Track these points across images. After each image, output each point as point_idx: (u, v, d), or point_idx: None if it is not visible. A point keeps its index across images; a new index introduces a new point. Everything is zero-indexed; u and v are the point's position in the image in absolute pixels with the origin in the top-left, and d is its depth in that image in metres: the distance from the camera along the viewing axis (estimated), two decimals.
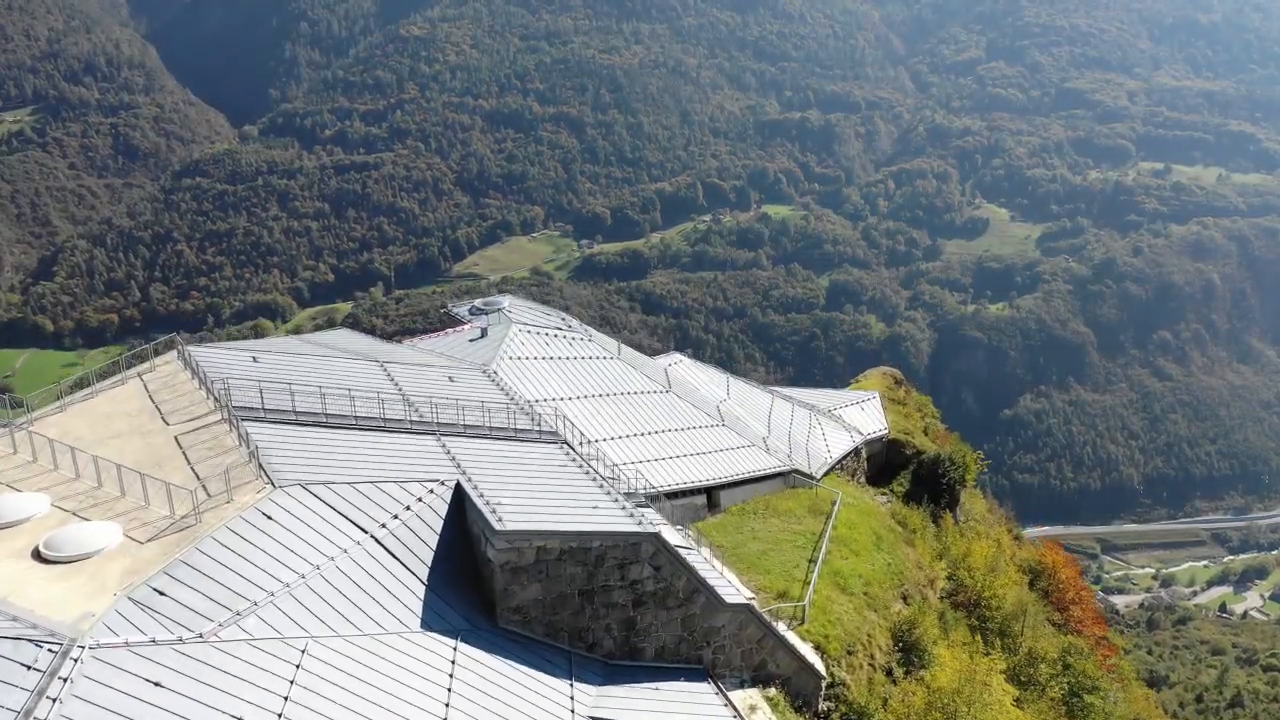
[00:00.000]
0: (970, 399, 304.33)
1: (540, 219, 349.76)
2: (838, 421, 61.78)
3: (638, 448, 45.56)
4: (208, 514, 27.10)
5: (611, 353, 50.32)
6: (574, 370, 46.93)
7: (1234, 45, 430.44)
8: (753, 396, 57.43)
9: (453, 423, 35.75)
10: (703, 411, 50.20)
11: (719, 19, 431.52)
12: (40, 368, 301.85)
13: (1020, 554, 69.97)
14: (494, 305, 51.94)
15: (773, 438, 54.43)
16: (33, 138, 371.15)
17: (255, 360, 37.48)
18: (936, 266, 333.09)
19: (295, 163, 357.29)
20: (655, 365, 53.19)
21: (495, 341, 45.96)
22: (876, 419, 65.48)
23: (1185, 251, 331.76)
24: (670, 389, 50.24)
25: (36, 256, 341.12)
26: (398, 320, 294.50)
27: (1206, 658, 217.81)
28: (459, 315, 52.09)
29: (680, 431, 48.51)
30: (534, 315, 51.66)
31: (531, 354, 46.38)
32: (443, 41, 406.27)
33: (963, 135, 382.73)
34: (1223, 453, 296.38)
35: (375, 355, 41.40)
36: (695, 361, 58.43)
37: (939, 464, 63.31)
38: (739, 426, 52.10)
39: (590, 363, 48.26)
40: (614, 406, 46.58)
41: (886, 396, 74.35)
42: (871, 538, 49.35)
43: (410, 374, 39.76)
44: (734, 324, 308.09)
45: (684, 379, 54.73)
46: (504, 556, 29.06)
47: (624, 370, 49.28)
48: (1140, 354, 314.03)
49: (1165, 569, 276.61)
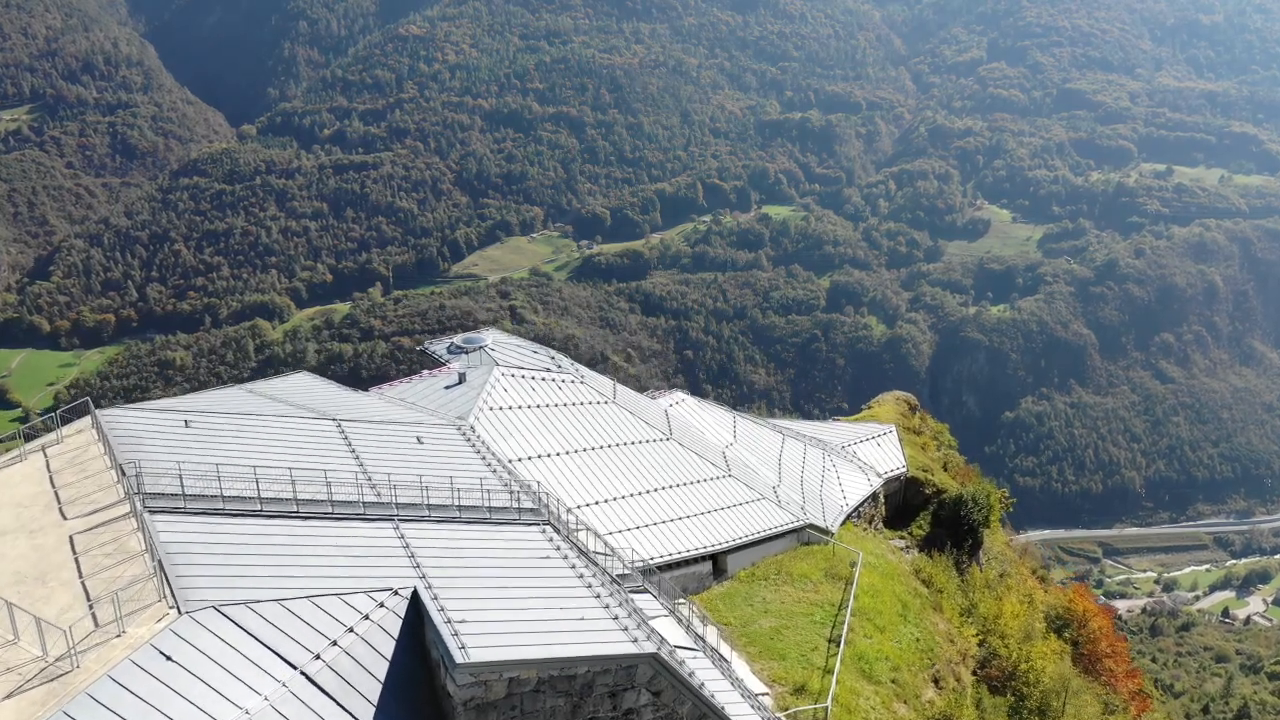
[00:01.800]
0: (971, 401, 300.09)
1: (540, 219, 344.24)
2: (852, 460, 55.95)
3: (635, 511, 39.72)
4: (90, 654, 21.17)
5: (606, 395, 44.42)
6: (563, 420, 41.02)
7: (1236, 46, 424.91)
8: (761, 438, 51.56)
9: (415, 504, 29.80)
10: (707, 461, 44.35)
11: (719, 19, 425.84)
12: (36, 368, 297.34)
13: (1047, 599, 64.39)
14: (474, 343, 45.89)
15: (784, 486, 48.58)
16: (30, 136, 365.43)
17: (187, 425, 31.56)
18: (937, 268, 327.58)
19: (293, 162, 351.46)
20: (655, 408, 47.28)
21: (474, 389, 40.04)
22: (894, 456, 59.62)
23: (1187, 253, 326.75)
24: (671, 436, 44.36)
25: (33, 256, 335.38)
26: (396, 321, 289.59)
27: (1211, 665, 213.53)
28: (437, 354, 46.00)
29: (683, 487, 42.66)
30: (519, 354, 45.65)
31: (515, 402, 40.46)
32: (442, 41, 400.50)
33: (964, 136, 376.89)
34: (1225, 456, 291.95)
35: (333, 411, 35.45)
36: (698, 400, 52.50)
37: (961, 505, 57.50)
38: (747, 475, 46.24)
39: (582, 410, 42.38)
40: (608, 461, 40.72)
41: (901, 425, 68.43)
42: (896, 606, 43.52)
43: (371, 437, 33.87)
44: (734, 325, 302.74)
45: (686, 422, 48.82)
46: (467, 693, 23.15)
47: (619, 417, 43.40)
48: (1142, 356, 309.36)
49: (1167, 573, 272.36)
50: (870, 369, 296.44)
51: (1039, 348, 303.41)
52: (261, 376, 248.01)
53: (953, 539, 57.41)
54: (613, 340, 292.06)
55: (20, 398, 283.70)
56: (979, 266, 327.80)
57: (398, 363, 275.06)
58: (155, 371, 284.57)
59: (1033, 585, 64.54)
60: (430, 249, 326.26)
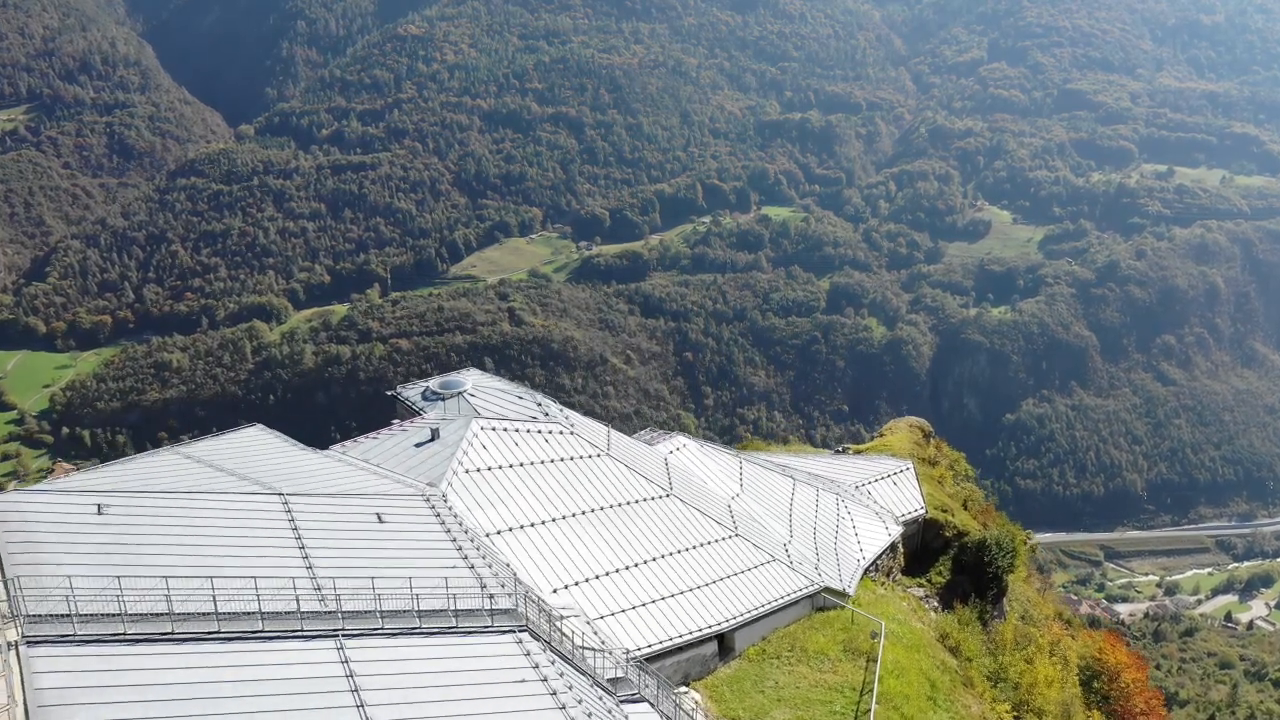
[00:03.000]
0: (972, 404, 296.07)
1: (539, 220, 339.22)
2: (868, 505, 50.74)
3: (631, 587, 34.50)
4: None
5: (598, 447, 39.15)
6: (550, 480, 35.77)
7: (1237, 46, 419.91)
8: (770, 485, 46.31)
9: (366, 611, 24.58)
10: (711, 519, 39.15)
11: (719, 19, 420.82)
12: (32, 370, 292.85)
13: (1075, 646, 59.29)
14: (453, 387, 40.46)
15: (795, 542, 43.37)
16: (27, 137, 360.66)
17: (100, 511, 26.32)
18: (938, 269, 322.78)
19: (291, 163, 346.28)
20: (653, 457, 41.98)
21: (449, 447, 34.79)
22: (912, 496, 54.35)
23: (1189, 255, 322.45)
24: (671, 491, 39.10)
25: (29, 257, 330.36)
26: (394, 323, 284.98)
27: (1215, 672, 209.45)
28: (410, 401, 40.51)
29: (685, 553, 37.44)
30: (502, 401, 40.30)
31: (495, 461, 35.22)
32: (441, 41, 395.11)
33: (964, 136, 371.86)
34: (1227, 458, 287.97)
35: (281, 481, 30.24)
36: (701, 444, 47.17)
37: (985, 551, 52.29)
38: (755, 532, 41.05)
39: (571, 467, 37.12)
40: (601, 528, 35.51)
41: (915, 455, 63.09)
42: (924, 686, 38.29)
43: (322, 516, 28.66)
44: (734, 327, 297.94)
45: (688, 471, 43.57)
46: None
47: (614, 472, 38.15)
48: (1143, 358, 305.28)
49: (1169, 576, 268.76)
50: (870, 371, 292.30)
51: (1040, 350, 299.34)
52: (259, 378, 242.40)
53: (975, 587, 52.33)
54: (612, 342, 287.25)
55: (16, 400, 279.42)
56: (979, 268, 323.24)
57: (395, 365, 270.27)
58: (152, 373, 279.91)
59: (1058, 632, 59.41)
60: (428, 250, 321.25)
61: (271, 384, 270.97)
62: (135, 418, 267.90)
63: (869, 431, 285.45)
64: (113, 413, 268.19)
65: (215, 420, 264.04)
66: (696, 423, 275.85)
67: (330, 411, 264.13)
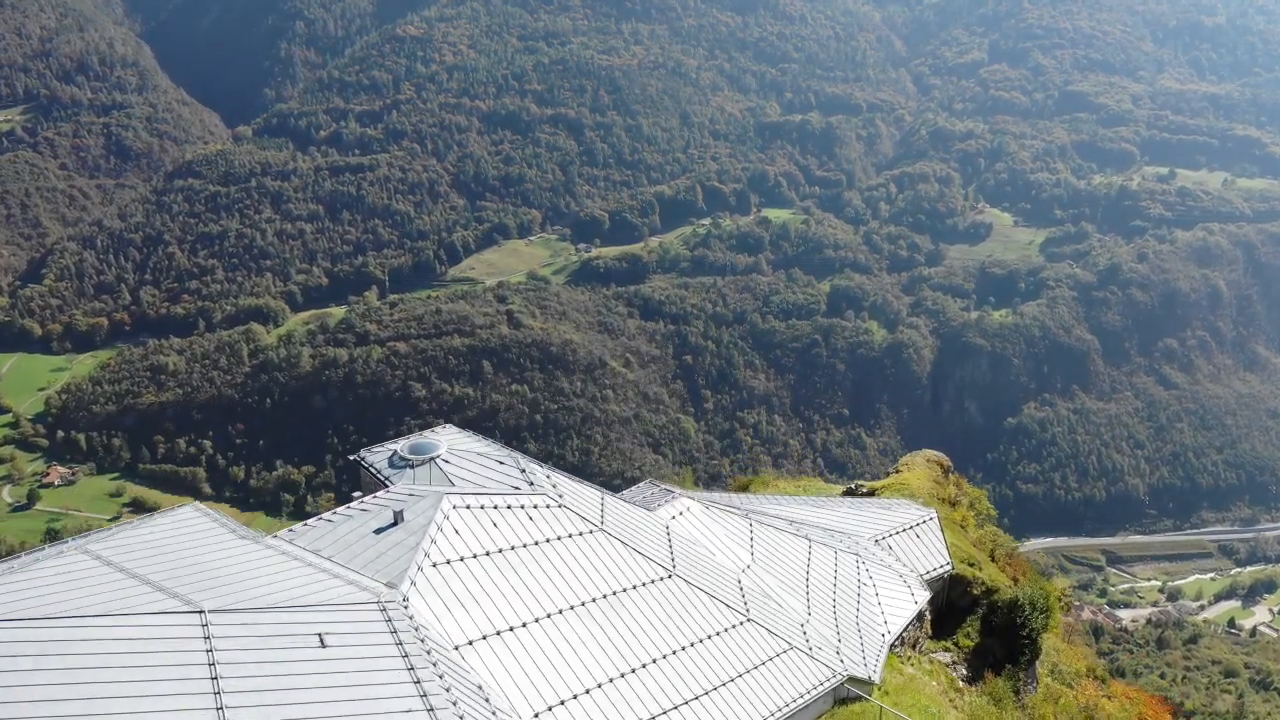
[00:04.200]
0: (973, 407, 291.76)
1: (538, 222, 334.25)
2: (890, 566, 45.03)
3: (628, 700, 28.82)
4: None
5: (591, 520, 33.35)
6: (534, 569, 30.00)
7: (1238, 48, 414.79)
8: (784, 550, 40.56)
9: None
10: (720, 601, 33.49)
11: (719, 20, 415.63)
12: (28, 372, 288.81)
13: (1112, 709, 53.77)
14: (424, 452, 34.51)
15: (814, 620, 37.69)
16: (24, 138, 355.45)
17: None
18: (939, 272, 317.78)
19: (289, 164, 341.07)
20: (653, 525, 36.23)
21: (414, 533, 28.96)
22: (936, 551, 48.49)
23: (1191, 257, 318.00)
24: (674, 570, 33.35)
25: (26, 258, 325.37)
26: (392, 326, 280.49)
27: (1220, 681, 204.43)
28: (375, 468, 34.55)
29: (690, 649, 31.72)
30: (481, 467, 34.43)
31: (469, 549, 29.39)
32: (440, 42, 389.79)
33: (965, 138, 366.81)
34: (1229, 462, 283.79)
35: (206, 592, 24.54)
36: (706, 505, 41.41)
37: (1018, 611, 46.58)
38: (769, 613, 35.41)
39: (559, 549, 31.34)
40: (593, 626, 29.77)
41: (934, 494, 57.30)
42: None
43: (250, 640, 22.97)
44: (734, 330, 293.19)
45: (693, 539, 37.84)
46: None
47: (608, 551, 32.41)
48: (1145, 362, 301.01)
49: (1171, 581, 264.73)
50: (871, 374, 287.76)
51: (1041, 353, 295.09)
52: (255, 381, 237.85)
53: (1007, 651, 46.70)
54: (611, 345, 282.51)
55: (11, 403, 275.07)
56: (980, 271, 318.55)
57: (393, 367, 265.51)
58: (148, 376, 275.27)
59: (1092, 692, 53.88)
60: (427, 252, 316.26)
61: (268, 387, 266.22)
62: (131, 421, 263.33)
63: (869, 435, 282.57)
64: (108, 416, 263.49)
65: (212, 424, 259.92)
66: (696, 426, 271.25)
67: (328, 415, 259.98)
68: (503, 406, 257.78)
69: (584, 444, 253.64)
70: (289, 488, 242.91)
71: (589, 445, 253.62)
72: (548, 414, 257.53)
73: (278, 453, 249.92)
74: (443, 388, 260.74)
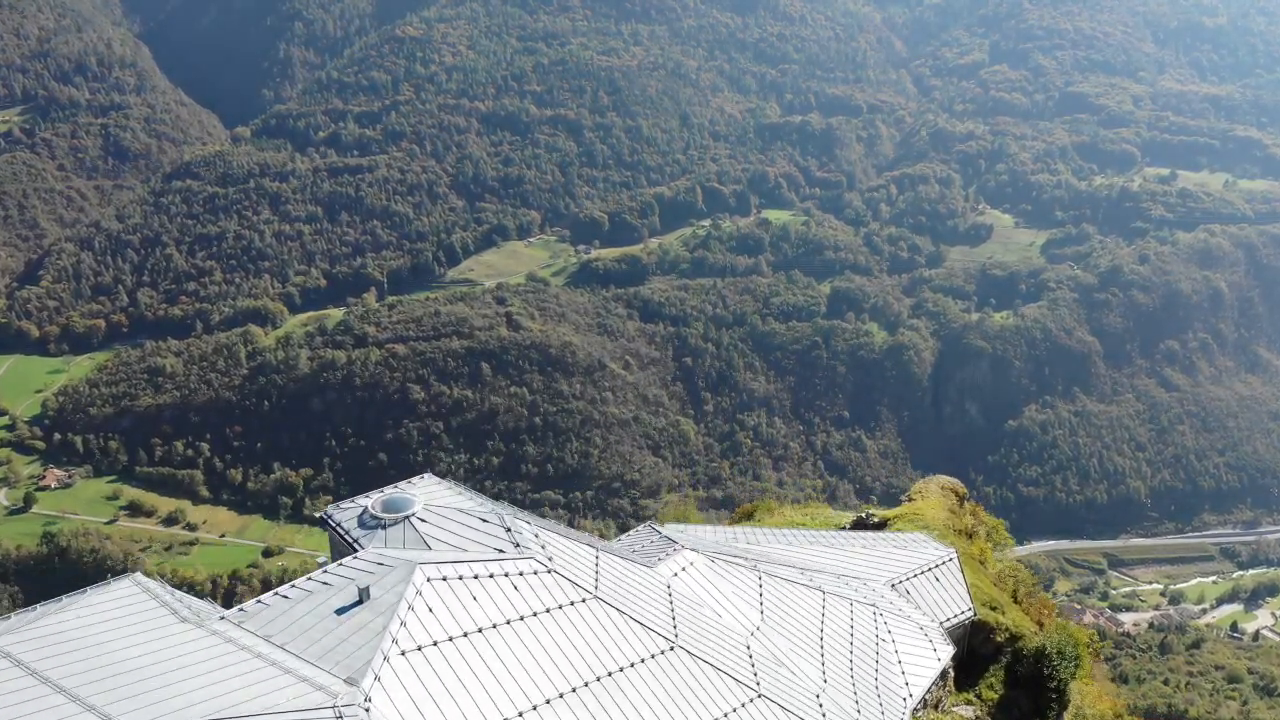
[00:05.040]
0: (974, 410, 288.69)
1: (537, 223, 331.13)
2: (909, 610, 41.39)
3: None
4: None
5: (584, 586, 29.00)
6: (520, 650, 25.73)
7: (1240, 49, 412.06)
8: (796, 606, 36.79)
9: None
10: (727, 674, 29.78)
11: (719, 20, 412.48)
12: (24, 375, 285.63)
13: None
14: (397, 510, 29.64)
15: (830, 688, 34.03)
16: (21, 138, 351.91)
17: None
18: (939, 273, 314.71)
19: (288, 165, 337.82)
20: (653, 585, 32.32)
21: (383, 612, 24.53)
22: (958, 595, 44.71)
23: (1192, 259, 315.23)
24: (677, 639, 29.50)
25: (23, 260, 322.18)
26: (390, 328, 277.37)
27: (1225, 687, 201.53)
28: (343, 528, 30.01)
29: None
30: (459, 529, 29.91)
31: (445, 631, 24.85)
32: (439, 42, 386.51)
33: (966, 139, 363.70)
34: (1231, 465, 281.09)
35: (128, 701, 20.76)
36: (711, 558, 37.41)
37: (1045, 662, 42.99)
38: (782, 683, 31.75)
39: (549, 623, 27.14)
40: (586, 718, 25.90)
41: (950, 527, 53.73)
42: None
43: None
44: (734, 332, 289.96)
45: (697, 599, 33.88)
46: None
47: (603, 623, 28.33)
48: (1147, 364, 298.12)
49: (1173, 585, 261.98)
50: (872, 377, 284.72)
51: (1042, 355, 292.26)
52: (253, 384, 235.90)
53: (1034, 703, 43.15)
54: (610, 347, 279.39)
55: (7, 405, 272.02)
56: (981, 272, 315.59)
57: (391, 370, 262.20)
58: (145, 379, 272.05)
59: None
60: (426, 253, 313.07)
61: (266, 389, 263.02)
62: (128, 423, 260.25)
63: (870, 438, 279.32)
64: (106, 418, 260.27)
65: (209, 426, 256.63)
66: (696, 429, 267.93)
67: (326, 417, 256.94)
68: (501, 409, 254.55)
69: (583, 446, 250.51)
70: (287, 490, 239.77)
71: (588, 448, 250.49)
72: (547, 416, 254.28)
73: (275, 455, 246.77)
74: (441, 390, 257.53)
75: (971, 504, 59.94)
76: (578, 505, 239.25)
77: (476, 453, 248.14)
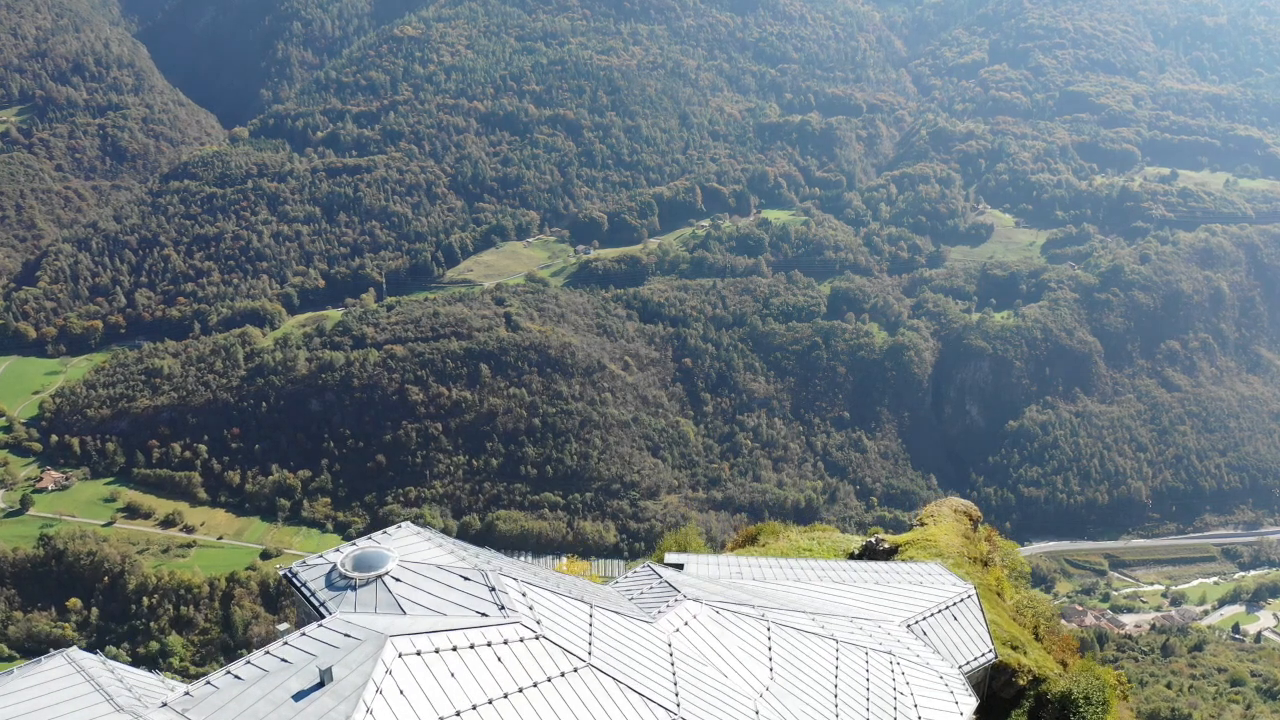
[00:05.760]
0: (975, 410, 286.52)
1: (536, 224, 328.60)
2: (926, 655, 38.53)
3: None
4: None
5: (576, 654, 25.55)
6: None
7: (1240, 48, 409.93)
8: (807, 660, 33.81)
9: None
10: None
11: (718, 20, 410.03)
12: (22, 376, 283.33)
13: None
14: (369, 567, 25.43)
15: None
16: (19, 139, 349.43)
17: None
18: (940, 274, 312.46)
19: (286, 165, 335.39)
20: (653, 643, 29.29)
21: (347, 698, 20.98)
22: (977, 635, 41.64)
23: (1193, 259, 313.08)
24: (679, 709, 26.44)
25: (20, 260, 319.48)
26: (389, 329, 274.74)
27: (1227, 690, 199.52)
28: (309, 591, 25.94)
29: None
30: (437, 588, 25.42)
31: (420, 716, 21.64)
32: (437, 42, 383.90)
33: (966, 139, 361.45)
34: (1232, 466, 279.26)
35: None
36: (716, 608, 34.06)
37: (1071, 708, 40.07)
38: None
39: (537, 699, 23.83)
40: None
41: (965, 554, 50.84)
42: None
43: None
44: (733, 333, 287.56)
45: (701, 658, 30.78)
46: None
47: (597, 695, 25.02)
48: (1148, 364, 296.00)
49: (1175, 585, 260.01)
50: (872, 377, 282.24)
51: (1043, 355, 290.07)
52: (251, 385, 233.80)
53: None
54: (610, 348, 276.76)
55: (4, 406, 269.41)
56: (982, 272, 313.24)
57: (390, 371, 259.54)
58: (142, 380, 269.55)
59: None
60: (424, 254, 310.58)
61: (264, 391, 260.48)
62: (126, 425, 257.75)
63: (870, 438, 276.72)
64: (103, 420, 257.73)
65: (207, 428, 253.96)
66: (695, 430, 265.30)
67: (324, 419, 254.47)
68: (500, 410, 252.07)
69: (583, 447, 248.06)
70: (285, 492, 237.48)
71: (588, 449, 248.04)
72: (546, 417, 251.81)
73: (274, 457, 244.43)
74: (440, 391, 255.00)
75: (986, 528, 56.89)
76: (577, 506, 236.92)
77: (475, 454, 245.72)
